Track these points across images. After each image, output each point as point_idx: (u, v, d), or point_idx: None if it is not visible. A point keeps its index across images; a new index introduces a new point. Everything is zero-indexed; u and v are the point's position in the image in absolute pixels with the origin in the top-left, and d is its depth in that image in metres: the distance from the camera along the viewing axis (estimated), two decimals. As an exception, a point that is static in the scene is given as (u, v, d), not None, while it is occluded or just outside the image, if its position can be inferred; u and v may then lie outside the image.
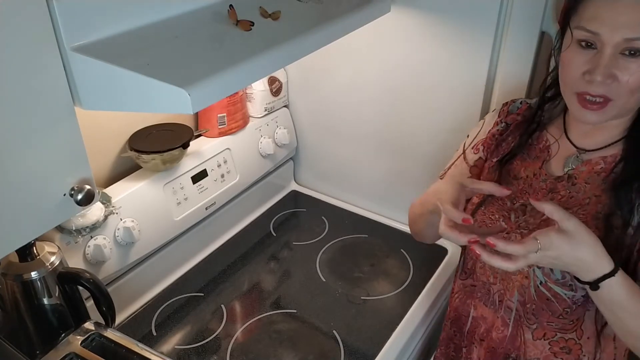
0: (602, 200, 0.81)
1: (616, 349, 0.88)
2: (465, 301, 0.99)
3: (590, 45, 0.75)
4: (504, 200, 0.89)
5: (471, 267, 0.97)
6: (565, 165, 0.86)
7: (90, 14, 0.63)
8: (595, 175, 0.83)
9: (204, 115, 1.32)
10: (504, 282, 0.90)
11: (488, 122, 0.99)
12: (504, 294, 0.90)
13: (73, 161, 0.66)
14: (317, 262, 1.33)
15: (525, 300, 0.87)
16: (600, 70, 0.73)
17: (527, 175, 0.89)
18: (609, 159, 0.82)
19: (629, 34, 0.71)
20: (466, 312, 0.99)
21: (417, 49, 1.20)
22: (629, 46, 0.72)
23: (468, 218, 0.74)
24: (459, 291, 1.01)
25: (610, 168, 0.82)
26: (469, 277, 0.98)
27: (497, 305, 0.92)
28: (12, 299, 0.88)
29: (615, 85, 0.73)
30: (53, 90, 0.61)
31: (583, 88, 0.76)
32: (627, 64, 0.72)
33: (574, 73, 0.77)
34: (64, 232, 1.01)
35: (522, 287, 0.87)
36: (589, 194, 0.82)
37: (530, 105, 0.95)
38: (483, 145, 0.97)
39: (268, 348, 1.09)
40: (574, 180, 0.84)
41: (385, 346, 1.08)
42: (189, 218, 1.26)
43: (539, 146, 0.90)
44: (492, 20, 1.08)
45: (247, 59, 0.70)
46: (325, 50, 0.91)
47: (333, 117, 1.46)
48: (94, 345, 0.89)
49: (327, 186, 1.59)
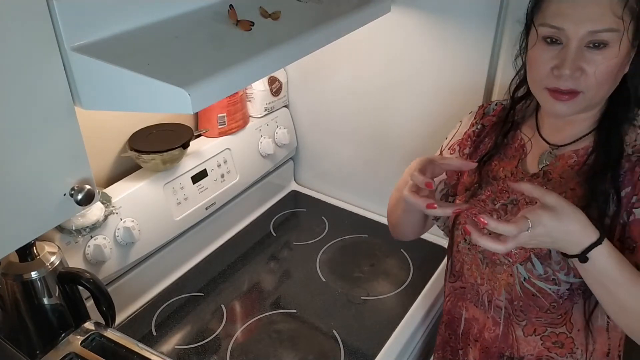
0: (578, 193, 0.81)
1: (610, 339, 0.88)
2: (456, 304, 1.00)
3: (555, 41, 0.76)
4: (485, 201, 0.90)
5: (459, 269, 0.97)
6: (540, 162, 0.87)
7: (90, 14, 0.63)
8: (569, 169, 0.83)
9: (204, 115, 1.32)
10: (490, 282, 0.90)
11: (464, 123, 1.00)
12: (492, 294, 0.91)
13: (73, 161, 0.66)
14: (317, 262, 1.33)
15: (512, 298, 0.88)
16: (568, 64, 0.74)
17: (504, 175, 0.90)
18: (581, 152, 0.83)
19: (593, 26, 0.72)
20: (458, 315, 1.00)
21: (417, 49, 1.20)
22: (593, 39, 0.73)
23: (430, 182, 0.78)
24: (449, 294, 1.01)
25: (582, 161, 0.83)
26: (458, 280, 0.98)
27: (486, 306, 0.93)
28: (12, 299, 0.88)
29: (584, 77, 0.74)
30: (53, 90, 0.61)
31: (553, 84, 0.77)
32: (593, 56, 0.74)
33: (542, 70, 0.78)
34: (64, 232, 1.01)
35: (508, 285, 0.87)
36: (564, 188, 0.83)
37: (504, 106, 0.96)
38: (459, 145, 0.98)
39: (268, 348, 1.09)
40: (549, 176, 0.85)
41: (385, 346, 1.08)
42: (189, 218, 1.26)
43: (514, 145, 0.91)
44: (492, 20, 1.08)
45: (247, 59, 0.70)
46: (325, 50, 0.91)
47: (333, 117, 1.46)
48: (94, 345, 0.89)
49: (327, 186, 1.59)
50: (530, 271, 0.84)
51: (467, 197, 0.93)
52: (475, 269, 0.93)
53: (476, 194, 0.91)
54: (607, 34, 0.73)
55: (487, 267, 0.90)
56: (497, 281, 0.89)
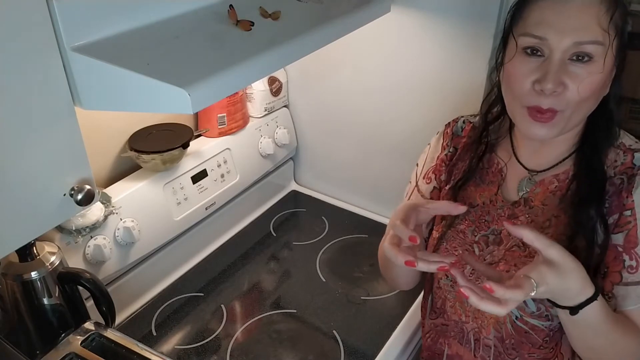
0: (563, 220, 0.78)
1: None
2: (437, 340, 0.95)
3: (536, 52, 0.71)
4: (464, 233, 0.85)
5: (440, 306, 0.91)
6: (520, 189, 0.83)
7: (91, 14, 0.63)
8: (551, 196, 0.80)
9: (204, 115, 1.32)
10: (477, 320, 0.86)
11: (434, 146, 0.95)
12: (480, 332, 0.86)
13: (73, 161, 0.66)
14: (317, 262, 1.33)
15: (503, 337, 0.83)
16: (551, 77, 0.68)
17: (483, 202, 0.85)
18: (561, 177, 0.80)
19: (578, 37, 0.68)
20: (440, 351, 0.95)
21: (417, 49, 1.20)
22: (577, 51, 0.68)
23: (415, 236, 0.69)
24: (430, 331, 0.96)
25: (564, 186, 0.79)
26: (440, 317, 0.92)
27: (472, 344, 0.88)
28: (12, 299, 0.88)
29: (566, 94, 0.69)
30: (53, 90, 0.61)
31: (534, 102, 0.71)
32: (577, 70, 0.69)
33: (522, 84, 0.72)
34: (64, 232, 1.01)
35: (497, 323, 0.83)
36: (548, 216, 0.79)
37: (473, 125, 0.90)
38: (434, 173, 0.93)
39: (268, 348, 1.09)
40: (530, 204, 0.81)
41: (385, 346, 1.08)
42: (189, 218, 1.26)
43: (491, 170, 0.86)
44: (492, 20, 1.08)
45: (247, 59, 0.70)
46: (325, 50, 0.91)
47: (333, 117, 1.46)
48: (94, 345, 0.89)
49: (327, 186, 1.59)
50: (522, 309, 0.80)
51: (444, 228, 0.88)
52: (459, 307, 0.88)
53: (453, 224, 0.87)
54: (593, 47, 0.68)
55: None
56: (485, 319, 0.85)
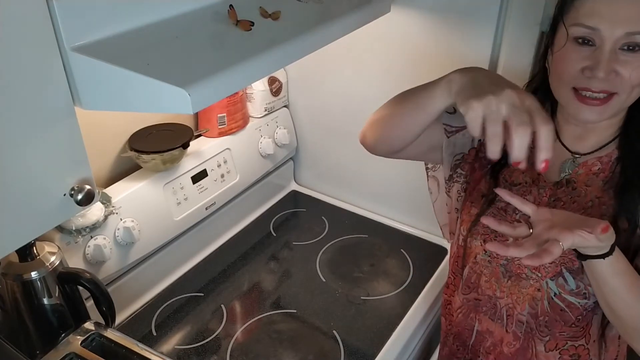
0: (605, 201, 0.80)
1: (619, 346, 0.88)
2: (468, 315, 0.96)
3: (587, 42, 0.73)
4: (505, 210, 0.87)
5: (474, 280, 0.93)
6: (562, 171, 0.84)
7: (90, 14, 0.63)
8: (594, 177, 0.82)
9: (204, 115, 1.32)
10: (512, 296, 0.87)
11: None
12: (514, 308, 0.88)
13: (73, 161, 0.65)
14: (317, 262, 1.33)
15: (537, 313, 0.85)
16: (603, 66, 0.71)
17: (525, 181, 0.87)
18: (604, 159, 0.82)
19: (630, 27, 0.69)
20: (470, 326, 0.96)
21: (417, 49, 1.20)
22: (628, 41, 0.70)
23: None
24: (461, 306, 0.97)
25: (608, 168, 0.81)
26: (473, 291, 0.94)
27: (504, 320, 0.89)
28: (12, 299, 0.88)
29: (618, 80, 0.72)
30: (53, 90, 0.61)
31: (583, 84, 0.73)
32: (628, 59, 0.71)
33: (571, 69, 0.74)
34: (64, 232, 1.01)
35: (533, 300, 0.84)
36: (590, 197, 0.81)
37: None
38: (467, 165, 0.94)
39: (268, 348, 1.09)
40: (573, 185, 0.83)
41: (385, 346, 1.08)
42: (189, 218, 1.26)
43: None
44: (492, 20, 1.08)
45: (247, 59, 0.70)
46: (325, 50, 0.91)
47: (333, 117, 1.46)
48: (94, 345, 0.89)
49: (327, 186, 1.59)
50: (562, 286, 0.81)
51: (484, 204, 0.89)
52: (494, 282, 0.89)
53: (494, 202, 0.88)
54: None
55: (510, 280, 0.87)
56: (521, 295, 0.86)
